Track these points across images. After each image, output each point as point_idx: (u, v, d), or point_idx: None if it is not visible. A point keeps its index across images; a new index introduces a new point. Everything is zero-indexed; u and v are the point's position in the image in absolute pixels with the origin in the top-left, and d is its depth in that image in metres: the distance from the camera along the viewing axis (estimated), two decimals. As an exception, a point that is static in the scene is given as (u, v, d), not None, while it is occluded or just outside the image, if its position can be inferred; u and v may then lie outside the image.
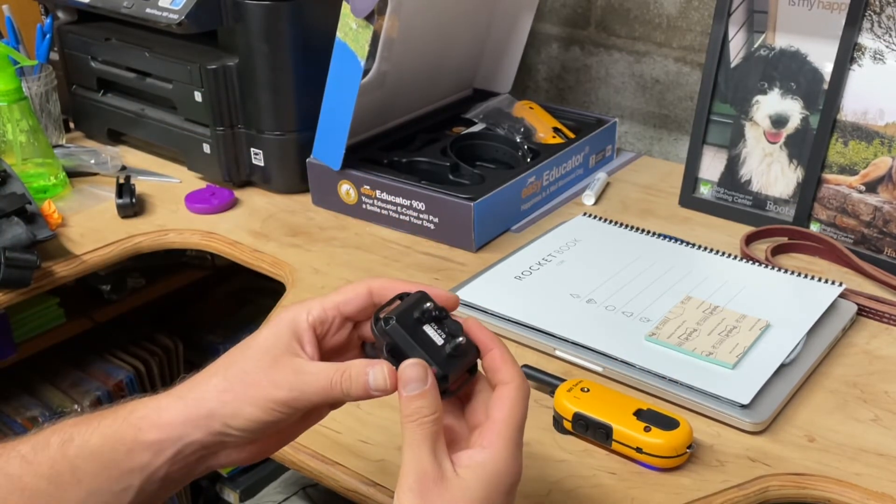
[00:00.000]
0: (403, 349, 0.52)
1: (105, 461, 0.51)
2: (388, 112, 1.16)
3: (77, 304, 1.23)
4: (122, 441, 0.51)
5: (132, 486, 0.51)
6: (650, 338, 0.79)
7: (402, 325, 0.52)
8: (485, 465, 0.48)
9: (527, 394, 0.52)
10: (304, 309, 0.54)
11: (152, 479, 0.52)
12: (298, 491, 1.31)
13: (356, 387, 0.51)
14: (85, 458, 0.51)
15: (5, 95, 1.08)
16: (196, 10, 1.04)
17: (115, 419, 0.52)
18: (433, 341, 0.52)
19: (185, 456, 0.52)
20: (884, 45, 0.92)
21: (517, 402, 0.51)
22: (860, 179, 0.96)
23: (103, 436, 0.52)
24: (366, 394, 0.51)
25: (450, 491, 0.47)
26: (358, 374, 0.51)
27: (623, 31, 1.29)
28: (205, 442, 0.52)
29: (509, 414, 0.50)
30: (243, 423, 0.51)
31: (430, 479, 0.47)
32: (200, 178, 1.18)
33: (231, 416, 0.51)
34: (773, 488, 0.67)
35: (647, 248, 0.95)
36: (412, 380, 0.50)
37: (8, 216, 0.95)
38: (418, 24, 1.07)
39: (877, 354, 0.81)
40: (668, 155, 1.30)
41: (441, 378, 0.51)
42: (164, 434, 0.51)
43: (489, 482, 0.48)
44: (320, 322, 0.54)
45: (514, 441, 0.49)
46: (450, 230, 1.00)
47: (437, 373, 0.51)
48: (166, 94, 1.16)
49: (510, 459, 0.49)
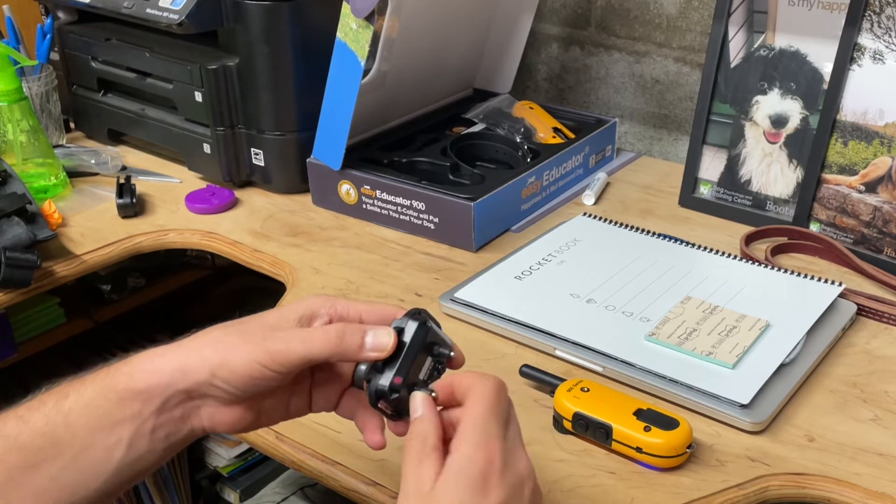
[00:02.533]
0: (401, 349, 0.54)
1: (97, 412, 0.52)
2: (388, 112, 1.16)
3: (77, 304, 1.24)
4: (114, 389, 0.53)
5: (122, 439, 0.52)
6: (650, 338, 0.79)
7: (423, 336, 0.54)
8: (451, 466, 0.48)
9: (489, 387, 0.52)
10: (330, 301, 0.57)
11: (141, 432, 0.53)
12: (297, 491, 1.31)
13: (351, 342, 0.53)
14: (79, 411, 0.52)
15: (6, 95, 1.08)
16: (196, 11, 1.04)
17: (109, 371, 0.54)
18: (419, 371, 0.55)
19: (169, 409, 0.53)
20: (883, 45, 0.92)
21: (475, 400, 0.51)
22: (860, 179, 0.96)
23: (96, 386, 0.53)
24: (359, 350, 0.53)
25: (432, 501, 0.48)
26: (354, 331, 0.53)
27: (623, 31, 1.29)
28: (190, 391, 0.53)
29: (469, 413, 0.51)
30: (228, 374, 0.52)
31: (416, 499, 0.48)
32: (201, 178, 1.18)
33: (219, 365, 0.52)
34: (772, 488, 0.67)
35: (647, 248, 0.95)
36: (416, 408, 0.52)
37: (8, 216, 0.95)
38: (418, 24, 1.07)
39: (876, 354, 0.81)
40: (667, 155, 1.30)
41: (377, 391, 0.54)
42: (153, 380, 0.52)
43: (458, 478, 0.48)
44: (339, 317, 0.56)
45: (473, 436, 0.49)
46: (450, 230, 1.00)
47: (382, 385, 0.53)
48: (166, 94, 1.16)
49: (472, 450, 0.49)
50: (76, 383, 0.54)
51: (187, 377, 0.53)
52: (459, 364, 0.57)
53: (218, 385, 0.53)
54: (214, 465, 1.48)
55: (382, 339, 0.54)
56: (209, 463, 1.49)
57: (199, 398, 0.54)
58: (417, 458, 0.49)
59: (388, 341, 0.54)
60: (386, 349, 0.53)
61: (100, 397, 0.52)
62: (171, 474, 1.41)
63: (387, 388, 0.53)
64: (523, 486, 0.50)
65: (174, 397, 0.53)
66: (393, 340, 0.54)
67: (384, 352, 0.53)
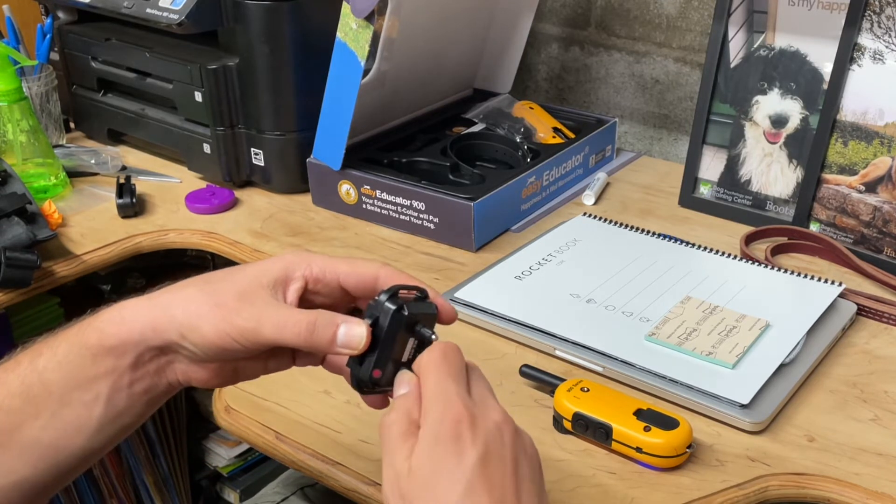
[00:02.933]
0: (379, 336, 0.52)
1: (72, 369, 0.52)
2: (388, 112, 1.16)
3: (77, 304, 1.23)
4: (86, 346, 0.52)
5: (101, 395, 0.52)
6: (650, 337, 0.79)
7: (400, 320, 0.52)
8: (422, 437, 0.47)
9: (437, 352, 0.51)
10: (306, 261, 0.55)
11: (118, 386, 0.52)
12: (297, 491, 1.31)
13: (321, 336, 0.51)
14: (53, 368, 0.52)
15: (6, 95, 1.08)
16: (196, 11, 1.04)
17: (80, 327, 0.53)
18: (401, 354, 0.53)
19: (144, 363, 0.53)
20: (883, 45, 0.92)
21: (427, 368, 0.50)
22: (860, 179, 0.96)
23: (69, 344, 0.52)
24: (329, 345, 0.51)
25: (412, 481, 0.46)
26: (326, 324, 0.51)
27: (623, 31, 1.29)
28: (162, 348, 0.52)
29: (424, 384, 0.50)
30: (198, 339, 0.51)
31: (400, 479, 0.47)
32: (200, 178, 1.18)
33: (189, 329, 0.51)
34: (772, 488, 0.67)
35: (646, 248, 0.95)
36: (400, 384, 0.51)
37: (8, 216, 0.95)
38: (418, 24, 1.07)
39: (876, 354, 0.81)
40: (667, 155, 1.30)
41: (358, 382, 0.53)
42: (124, 335, 0.52)
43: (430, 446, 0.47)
44: (315, 280, 0.55)
45: (431, 399, 0.48)
46: (450, 230, 1.00)
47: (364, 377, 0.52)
48: (166, 94, 1.16)
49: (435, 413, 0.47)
50: (49, 340, 0.53)
51: (158, 335, 0.52)
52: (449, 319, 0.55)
53: (187, 346, 0.52)
54: (214, 465, 1.48)
55: (355, 336, 0.51)
56: (209, 463, 1.49)
57: (172, 353, 0.53)
58: (400, 438, 0.48)
59: (361, 338, 0.51)
60: (359, 346, 0.51)
61: (73, 354, 0.52)
62: (170, 474, 1.41)
63: (367, 381, 0.52)
64: (501, 433, 0.48)
65: (147, 353, 0.52)
66: (366, 336, 0.51)
67: (357, 348, 0.51)
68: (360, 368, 0.52)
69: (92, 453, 0.54)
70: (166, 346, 0.52)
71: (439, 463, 0.46)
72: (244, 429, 0.75)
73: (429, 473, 0.46)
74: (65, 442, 0.52)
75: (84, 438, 0.52)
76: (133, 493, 1.37)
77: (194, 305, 0.52)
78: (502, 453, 0.47)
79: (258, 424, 0.75)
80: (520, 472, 0.48)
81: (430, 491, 0.46)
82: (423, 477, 0.46)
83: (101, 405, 0.52)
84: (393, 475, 0.47)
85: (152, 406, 0.55)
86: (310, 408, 0.76)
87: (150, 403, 0.55)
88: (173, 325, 0.52)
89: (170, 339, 0.52)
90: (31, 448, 0.51)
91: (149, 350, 0.52)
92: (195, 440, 1.48)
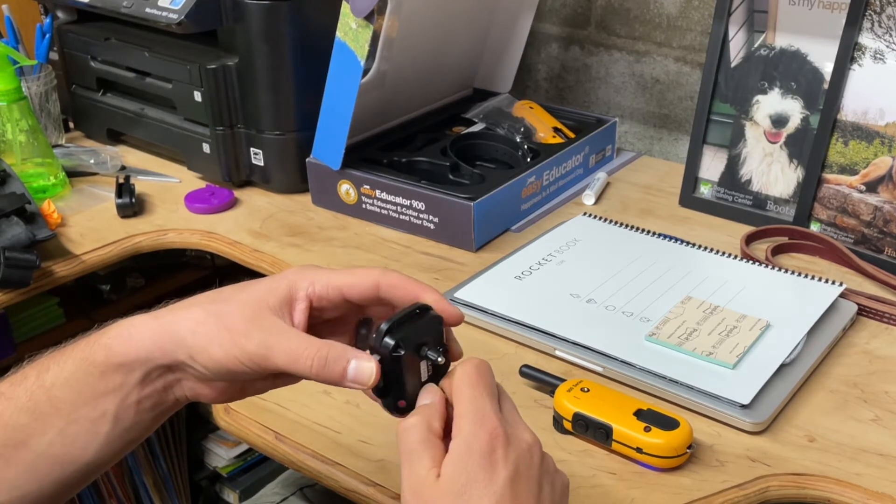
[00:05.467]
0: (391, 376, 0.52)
1: (80, 386, 0.52)
2: (387, 112, 1.16)
3: (77, 304, 1.23)
4: (94, 363, 0.52)
5: (108, 412, 0.52)
6: (650, 338, 0.79)
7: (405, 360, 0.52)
8: (454, 449, 0.48)
9: (471, 367, 0.51)
10: (309, 278, 0.55)
11: (126, 404, 0.52)
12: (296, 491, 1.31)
13: (332, 371, 0.51)
14: (61, 385, 0.52)
15: (5, 95, 1.08)
16: (196, 10, 1.04)
17: (88, 343, 0.53)
18: (418, 381, 0.53)
19: (152, 381, 0.53)
20: (884, 44, 0.92)
21: (462, 380, 0.51)
22: (860, 179, 0.96)
23: (76, 360, 0.52)
24: (340, 380, 0.51)
25: (437, 493, 0.47)
26: (336, 359, 0.51)
27: (623, 30, 1.28)
28: (170, 366, 0.52)
29: (458, 395, 0.50)
30: (207, 361, 0.51)
31: (422, 488, 0.47)
32: (200, 178, 1.18)
33: (197, 351, 0.51)
34: (773, 488, 0.67)
35: (647, 247, 0.95)
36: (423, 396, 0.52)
37: (8, 216, 0.94)
38: (418, 24, 1.07)
39: (877, 354, 0.81)
40: (668, 155, 1.30)
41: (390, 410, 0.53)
42: (132, 354, 0.52)
43: (464, 458, 0.47)
44: (318, 298, 0.55)
45: (469, 413, 0.49)
46: (450, 230, 1.00)
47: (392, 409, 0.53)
48: (166, 93, 1.16)
49: (472, 427, 0.48)
50: (56, 356, 0.53)
51: (166, 355, 0.52)
52: (456, 322, 0.55)
53: (196, 367, 0.52)
54: (214, 465, 1.48)
55: (364, 372, 0.51)
56: (209, 463, 1.49)
57: (180, 372, 0.53)
58: (420, 446, 0.48)
59: (371, 374, 0.51)
60: (369, 382, 0.51)
61: (80, 371, 0.52)
62: (170, 474, 1.41)
63: (394, 412, 0.53)
64: (531, 455, 0.49)
65: (154, 371, 0.52)
66: (375, 372, 0.51)
67: (367, 384, 0.51)
68: (383, 401, 0.53)
69: (97, 467, 0.53)
70: (174, 364, 0.52)
71: (471, 475, 0.47)
72: (244, 429, 0.75)
73: (460, 485, 0.47)
74: (71, 458, 0.52)
75: (90, 454, 0.52)
76: (132, 493, 1.37)
77: (203, 328, 0.51)
78: (530, 474, 0.49)
79: (258, 425, 0.75)
80: (542, 495, 0.49)
81: (458, 501, 0.46)
82: (453, 487, 0.47)
83: (108, 422, 0.52)
84: (416, 482, 0.48)
85: (158, 420, 0.55)
86: (309, 408, 0.76)
87: (156, 418, 0.55)
88: (182, 346, 0.51)
89: (178, 358, 0.52)
90: (37, 464, 0.51)
91: (156, 368, 0.52)
92: (195, 440, 1.48)
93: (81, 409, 0.52)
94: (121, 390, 0.52)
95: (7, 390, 0.52)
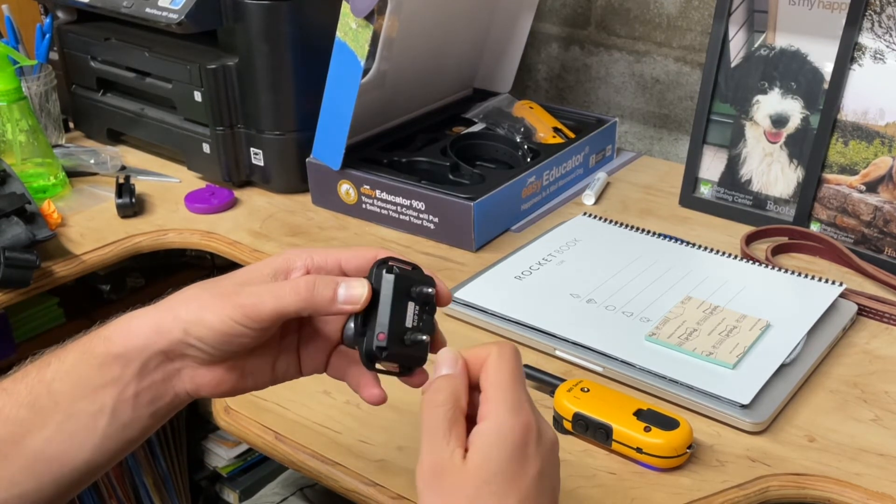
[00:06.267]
0: (379, 302, 0.51)
1: (79, 379, 0.52)
2: (388, 112, 1.16)
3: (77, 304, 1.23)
4: (93, 354, 0.52)
5: (105, 406, 0.52)
6: (650, 338, 0.79)
7: (397, 284, 0.51)
8: (487, 435, 0.47)
9: (509, 353, 0.50)
10: (307, 252, 0.55)
11: (123, 397, 0.52)
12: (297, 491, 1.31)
13: (322, 294, 0.51)
14: (61, 378, 0.52)
15: (5, 95, 1.08)
16: (196, 10, 1.04)
17: (89, 337, 0.53)
18: (403, 319, 0.52)
19: (150, 371, 0.53)
20: (884, 44, 0.92)
21: (499, 365, 0.50)
22: (860, 179, 0.96)
23: (76, 353, 0.53)
24: (331, 303, 0.51)
25: (463, 476, 0.46)
26: (326, 283, 0.51)
27: (623, 30, 1.28)
28: (167, 352, 0.52)
29: (495, 379, 0.49)
30: (203, 331, 0.51)
31: (445, 470, 0.46)
32: (200, 178, 1.18)
33: (193, 322, 0.51)
34: (773, 488, 0.67)
35: (647, 247, 0.95)
36: (444, 362, 0.50)
37: (8, 216, 0.95)
38: (418, 24, 1.07)
39: (877, 354, 0.81)
40: (668, 155, 1.30)
41: (367, 353, 0.51)
42: (130, 342, 0.52)
43: (496, 446, 0.46)
44: (316, 269, 0.55)
45: (508, 401, 0.48)
46: (450, 230, 1.00)
47: (370, 346, 0.51)
48: (166, 93, 1.16)
49: (509, 416, 0.47)
50: (58, 352, 0.53)
51: (162, 337, 0.52)
52: (446, 301, 0.55)
53: (193, 343, 0.52)
54: (214, 465, 1.48)
55: (355, 291, 0.51)
56: (209, 463, 1.49)
57: (178, 359, 0.53)
58: (448, 424, 0.47)
59: (362, 293, 0.51)
60: (360, 301, 0.51)
61: (80, 363, 0.52)
62: (170, 474, 1.41)
63: (374, 349, 0.51)
64: (554, 453, 0.49)
65: (153, 359, 0.52)
66: (367, 291, 0.51)
67: (358, 304, 0.51)
68: (364, 340, 0.52)
69: (95, 468, 0.53)
70: (172, 348, 0.52)
71: (502, 466, 0.46)
72: (244, 429, 0.75)
73: (489, 473, 0.46)
74: (69, 455, 0.52)
75: (88, 451, 0.52)
76: (132, 493, 1.37)
77: (196, 301, 0.52)
78: (552, 473, 0.49)
79: (258, 425, 0.75)
80: (556, 494, 0.49)
81: (485, 489, 0.45)
82: (481, 474, 0.45)
83: (105, 417, 0.52)
84: (438, 461, 0.46)
85: (157, 420, 0.55)
86: (309, 408, 0.76)
87: (154, 417, 0.54)
88: (177, 322, 0.52)
89: (174, 338, 0.52)
90: (35, 460, 0.51)
91: (154, 356, 0.52)
92: (194, 440, 1.48)
93: (79, 403, 0.52)
94: (118, 383, 0.52)
95: (8, 386, 0.53)
